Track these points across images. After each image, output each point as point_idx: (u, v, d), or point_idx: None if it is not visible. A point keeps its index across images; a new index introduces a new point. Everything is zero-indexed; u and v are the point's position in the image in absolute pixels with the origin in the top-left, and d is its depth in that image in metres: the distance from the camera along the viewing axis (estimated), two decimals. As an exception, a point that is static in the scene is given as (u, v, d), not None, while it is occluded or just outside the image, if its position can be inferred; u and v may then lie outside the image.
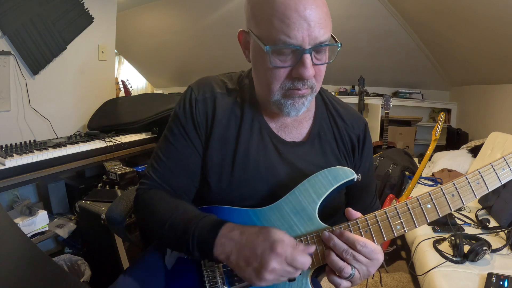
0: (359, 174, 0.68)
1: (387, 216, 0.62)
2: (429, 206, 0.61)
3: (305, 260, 0.58)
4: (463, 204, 0.60)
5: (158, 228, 0.68)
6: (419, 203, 0.61)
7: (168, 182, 0.74)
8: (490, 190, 0.60)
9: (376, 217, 0.63)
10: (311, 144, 0.77)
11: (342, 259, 0.59)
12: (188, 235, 0.63)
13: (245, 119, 0.74)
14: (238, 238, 0.60)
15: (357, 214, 0.63)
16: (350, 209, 0.64)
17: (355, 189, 0.79)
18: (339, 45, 0.64)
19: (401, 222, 0.62)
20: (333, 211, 0.75)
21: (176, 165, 0.74)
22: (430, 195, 0.61)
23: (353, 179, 0.67)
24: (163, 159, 0.75)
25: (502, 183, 0.60)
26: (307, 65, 0.60)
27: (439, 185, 0.62)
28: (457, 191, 0.60)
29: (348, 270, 0.58)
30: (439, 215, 0.61)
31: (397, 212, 0.62)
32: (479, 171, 0.60)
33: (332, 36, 0.63)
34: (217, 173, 0.72)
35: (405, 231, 0.62)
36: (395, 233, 0.62)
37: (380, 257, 0.60)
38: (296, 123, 0.77)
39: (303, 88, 0.64)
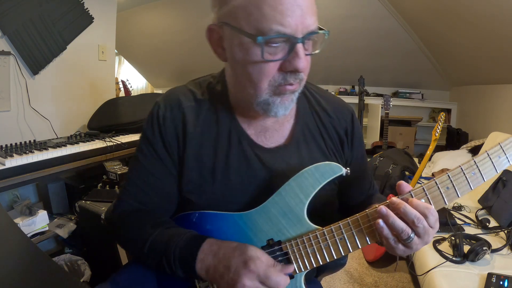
0: (348, 168, 0.64)
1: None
2: (423, 200, 0.58)
3: (279, 280, 0.57)
4: (459, 196, 0.58)
5: (138, 250, 0.67)
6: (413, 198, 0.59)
7: (144, 203, 0.71)
8: (485, 180, 0.58)
9: (368, 217, 0.60)
10: (296, 145, 0.72)
11: (408, 225, 0.55)
12: (169, 254, 0.62)
13: (220, 130, 0.69)
14: (216, 252, 0.60)
15: (408, 187, 0.59)
16: (402, 182, 0.60)
17: (350, 180, 0.74)
18: (327, 32, 0.60)
19: None
20: (323, 210, 0.72)
21: (150, 187, 0.70)
22: (424, 190, 0.58)
23: (341, 175, 0.64)
24: (137, 182, 0.71)
25: (498, 172, 0.58)
26: (301, 55, 0.56)
27: (433, 178, 0.59)
28: (452, 184, 0.58)
29: (408, 231, 0.55)
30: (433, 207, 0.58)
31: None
32: (474, 161, 0.57)
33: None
34: (197, 190, 0.68)
35: None
36: None
37: (438, 225, 0.57)
38: (277, 125, 0.72)
39: (295, 82, 0.60)
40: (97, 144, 1.72)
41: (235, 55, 0.60)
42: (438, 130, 2.00)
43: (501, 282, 1.12)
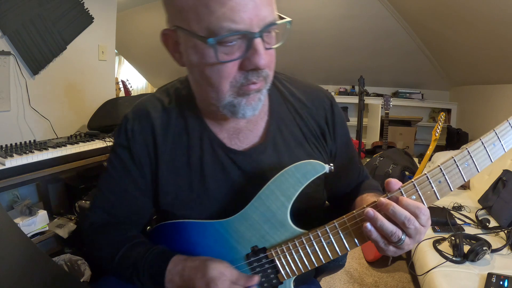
0: (331, 164, 0.59)
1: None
2: (414, 197, 0.54)
3: None
4: (451, 190, 0.54)
5: (107, 264, 0.66)
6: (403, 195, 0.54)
7: (114, 215, 0.70)
8: (479, 171, 0.54)
9: (356, 218, 0.56)
10: (272, 143, 0.67)
11: (397, 226, 0.52)
12: (138, 272, 0.62)
13: (191, 138, 0.66)
14: (181, 274, 0.59)
15: (398, 184, 0.55)
16: (391, 180, 0.55)
17: (337, 172, 0.66)
18: (289, 21, 0.55)
19: None
20: (308, 209, 0.69)
21: (119, 200, 0.69)
22: (415, 186, 0.54)
23: (325, 173, 0.59)
24: (106, 194, 0.70)
25: (493, 161, 0.53)
26: (261, 51, 0.52)
27: (424, 172, 0.54)
28: (445, 177, 0.53)
29: (399, 234, 0.51)
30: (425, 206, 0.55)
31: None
32: (468, 151, 0.53)
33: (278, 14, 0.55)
34: (175, 201, 0.67)
35: None
36: None
37: (429, 223, 0.53)
38: (250, 125, 0.68)
39: (258, 80, 0.56)
40: (97, 144, 1.72)
41: (191, 59, 0.56)
42: (438, 130, 2.00)
43: (501, 282, 1.12)
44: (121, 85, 3.39)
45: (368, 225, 0.53)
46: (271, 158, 0.67)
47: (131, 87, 3.53)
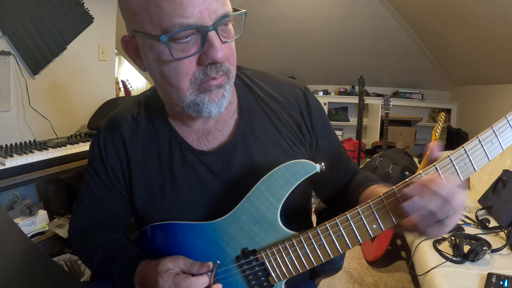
0: (322, 164, 0.57)
1: (359, 212, 0.54)
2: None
3: (188, 284, 0.57)
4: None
5: (89, 267, 0.73)
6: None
7: (94, 221, 0.74)
8: (476, 170, 0.52)
9: (348, 219, 0.55)
10: (244, 141, 0.66)
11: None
12: (113, 275, 0.66)
13: (161, 145, 0.67)
14: (143, 275, 0.62)
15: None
16: (434, 145, 0.52)
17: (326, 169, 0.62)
18: (244, 13, 0.55)
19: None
20: (299, 212, 0.68)
21: (98, 207, 0.72)
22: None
23: (316, 172, 0.57)
24: (86, 202, 0.73)
25: (490, 159, 0.52)
26: (216, 44, 0.51)
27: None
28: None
29: (447, 207, 0.48)
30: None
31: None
32: (465, 149, 0.51)
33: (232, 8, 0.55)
34: (149, 208, 0.68)
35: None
36: (371, 231, 0.54)
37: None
38: (219, 125, 0.66)
39: (218, 75, 0.55)
40: (97, 144, 1.72)
41: (150, 61, 0.56)
42: (438, 130, 2.01)
43: (501, 282, 1.12)
44: (121, 85, 3.39)
45: (415, 200, 0.49)
46: (242, 157, 0.65)
47: (131, 87, 3.53)
